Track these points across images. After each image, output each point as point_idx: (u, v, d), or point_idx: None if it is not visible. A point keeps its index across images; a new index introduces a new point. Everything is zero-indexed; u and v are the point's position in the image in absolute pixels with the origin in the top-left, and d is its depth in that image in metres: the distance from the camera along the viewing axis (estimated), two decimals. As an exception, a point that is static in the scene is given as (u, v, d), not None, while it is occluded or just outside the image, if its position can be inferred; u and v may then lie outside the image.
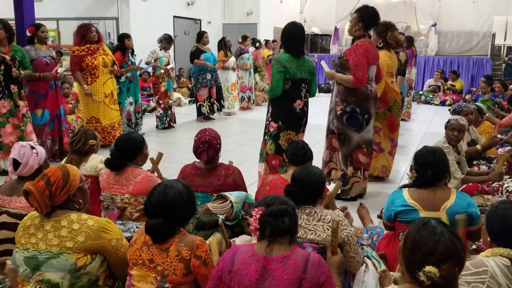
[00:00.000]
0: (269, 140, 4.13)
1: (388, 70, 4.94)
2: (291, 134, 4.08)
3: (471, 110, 4.75)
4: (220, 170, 3.21)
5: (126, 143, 3.03)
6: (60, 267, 2.03)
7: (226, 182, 3.17)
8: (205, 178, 3.18)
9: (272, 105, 4.14)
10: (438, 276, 1.51)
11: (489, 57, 13.54)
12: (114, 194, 2.99)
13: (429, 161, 2.67)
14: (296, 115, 4.07)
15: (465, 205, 2.58)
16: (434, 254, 1.55)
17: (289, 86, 3.98)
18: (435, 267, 1.52)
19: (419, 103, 11.72)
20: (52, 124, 5.76)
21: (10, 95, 5.06)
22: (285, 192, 2.36)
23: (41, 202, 2.05)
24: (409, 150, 6.48)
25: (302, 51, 4.10)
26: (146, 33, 10.62)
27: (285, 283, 1.76)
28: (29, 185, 2.07)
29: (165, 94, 7.92)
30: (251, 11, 14.57)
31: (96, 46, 6.22)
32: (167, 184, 2.10)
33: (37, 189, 2.05)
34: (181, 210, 2.06)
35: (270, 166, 4.13)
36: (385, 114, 5.02)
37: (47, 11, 10.72)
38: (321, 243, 2.28)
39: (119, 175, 3.01)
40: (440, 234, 1.58)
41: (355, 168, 4.40)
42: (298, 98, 4.05)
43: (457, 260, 1.55)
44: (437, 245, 1.56)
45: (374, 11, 4.21)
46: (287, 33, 4.05)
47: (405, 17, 14.99)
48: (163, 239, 2.02)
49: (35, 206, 2.07)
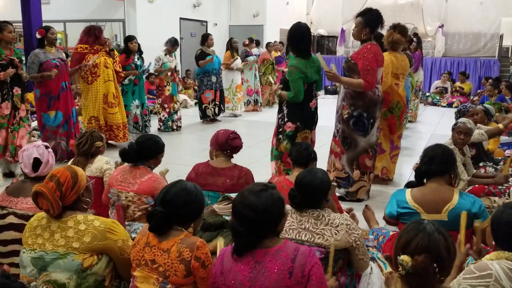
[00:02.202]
0: (285, 140, 4.20)
1: (393, 71, 4.89)
2: (307, 133, 4.20)
3: (477, 111, 4.73)
4: (233, 171, 3.27)
5: (147, 142, 3.11)
6: (66, 268, 2.05)
7: (239, 182, 3.19)
8: (218, 178, 3.23)
9: (288, 106, 4.18)
10: (410, 265, 1.55)
11: (496, 59, 13.47)
12: (120, 191, 3.04)
13: (437, 151, 2.68)
14: (312, 114, 4.22)
15: (468, 205, 2.56)
16: (410, 244, 1.60)
17: (306, 88, 4.08)
18: (409, 257, 1.56)
19: (425, 104, 11.68)
20: (66, 125, 5.80)
21: (12, 97, 5.08)
22: (289, 197, 2.36)
23: (54, 203, 2.06)
24: (415, 152, 6.44)
25: (310, 52, 4.16)
26: (152, 35, 10.66)
27: (277, 274, 1.80)
28: (40, 186, 2.07)
29: (171, 99, 7.92)
30: (257, 12, 14.58)
31: (99, 47, 6.29)
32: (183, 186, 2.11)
33: (49, 190, 2.06)
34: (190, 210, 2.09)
35: (285, 163, 4.22)
36: (386, 115, 4.97)
37: (54, 13, 10.79)
38: (328, 248, 2.28)
39: (128, 173, 3.06)
40: (423, 229, 1.62)
41: (362, 173, 4.40)
42: (312, 98, 4.20)
43: (435, 256, 1.57)
44: (415, 237, 1.61)
45: (378, 14, 4.20)
46: (296, 37, 4.07)
47: (412, 19, 14.93)
48: (162, 230, 2.03)
49: (45, 208, 2.08)
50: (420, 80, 8.90)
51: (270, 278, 1.81)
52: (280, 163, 4.29)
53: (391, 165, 5.11)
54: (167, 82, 7.85)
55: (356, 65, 4.13)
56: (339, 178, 4.46)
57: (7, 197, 2.59)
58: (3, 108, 5.01)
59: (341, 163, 4.45)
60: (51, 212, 2.09)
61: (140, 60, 7.21)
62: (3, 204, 2.56)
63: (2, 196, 2.62)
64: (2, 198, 2.59)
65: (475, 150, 4.57)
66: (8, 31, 4.97)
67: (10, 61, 4.98)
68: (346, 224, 2.31)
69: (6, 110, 5.04)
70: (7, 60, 4.96)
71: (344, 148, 4.40)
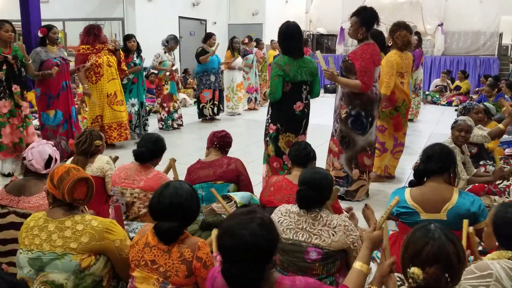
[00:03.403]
0: (270, 142, 4.10)
1: (398, 70, 4.88)
2: (290, 137, 4.01)
3: (481, 109, 4.72)
4: (222, 160, 3.40)
5: (157, 143, 3.19)
6: (64, 268, 2.04)
7: (229, 169, 3.32)
8: (208, 169, 3.33)
9: (271, 107, 4.07)
10: (421, 278, 1.51)
11: (496, 57, 13.45)
12: (124, 189, 3.04)
13: (435, 150, 2.66)
14: (296, 117, 3.99)
15: (468, 204, 2.54)
16: (420, 255, 1.55)
17: (289, 88, 3.90)
18: (420, 269, 1.51)
19: (425, 103, 11.67)
20: (66, 124, 5.80)
21: (11, 95, 5.04)
22: (300, 197, 2.31)
23: (92, 191, 2.17)
24: (415, 150, 6.44)
25: (301, 51, 3.99)
26: (151, 33, 10.64)
27: None
28: (81, 173, 2.17)
29: (170, 98, 7.91)
30: (257, 11, 14.56)
31: (101, 46, 6.27)
32: (177, 185, 2.08)
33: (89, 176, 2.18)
34: (193, 211, 2.08)
35: (272, 168, 4.12)
36: (392, 114, 4.98)
37: (53, 12, 10.77)
38: (325, 249, 2.26)
39: (132, 170, 3.10)
40: (432, 237, 1.57)
41: (361, 171, 4.39)
42: (298, 100, 3.96)
43: (447, 265, 1.52)
44: (425, 247, 1.56)
45: (373, 12, 4.17)
46: (282, 35, 3.97)
47: (412, 17, 14.89)
48: (174, 241, 2.01)
49: (84, 196, 2.15)
50: (420, 78, 8.90)
51: None
52: (268, 168, 4.19)
53: (394, 161, 5.13)
54: (165, 81, 7.84)
55: (353, 65, 4.12)
56: (338, 177, 4.45)
57: (6, 196, 2.57)
58: (1, 107, 4.99)
59: (340, 162, 4.44)
60: (87, 199, 2.17)
61: (139, 59, 7.20)
62: (3, 203, 2.55)
63: (1, 194, 2.59)
64: (1, 197, 2.58)
65: (476, 148, 4.57)
66: (4, 30, 4.91)
67: (4, 58, 4.92)
68: (344, 225, 2.30)
69: (4, 108, 5.01)
70: (1, 58, 4.91)
71: (342, 148, 4.39)
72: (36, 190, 2.59)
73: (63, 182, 2.08)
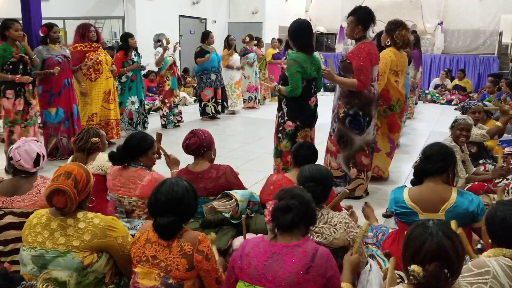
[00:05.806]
0: (285, 139, 4.16)
1: (392, 68, 4.86)
2: (307, 131, 4.16)
3: (479, 109, 4.73)
4: (211, 172, 3.14)
5: (131, 141, 3.05)
6: (67, 266, 2.06)
7: (219, 183, 3.11)
8: (198, 183, 3.05)
9: (287, 104, 4.13)
10: (422, 275, 1.54)
11: (496, 56, 13.46)
12: (121, 197, 3.02)
13: (434, 150, 2.66)
14: (312, 112, 4.17)
15: (466, 204, 2.55)
16: (420, 253, 1.58)
17: (304, 85, 4.03)
18: (419, 266, 1.54)
19: (425, 102, 11.68)
20: (67, 122, 5.82)
21: (24, 93, 5.22)
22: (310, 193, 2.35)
23: (74, 200, 2.07)
24: (414, 149, 6.45)
25: (313, 48, 4.16)
26: (151, 32, 10.58)
27: (292, 267, 1.85)
28: (61, 184, 2.06)
29: (171, 93, 7.92)
30: (257, 10, 14.56)
31: (97, 45, 6.25)
32: (173, 181, 2.11)
33: (70, 188, 2.06)
34: (190, 206, 2.10)
35: (284, 162, 4.19)
36: (386, 113, 4.94)
37: (54, 10, 10.77)
38: (327, 246, 2.28)
39: (125, 177, 3.02)
40: (430, 234, 1.60)
41: (359, 171, 4.40)
42: (311, 95, 4.14)
43: (446, 262, 1.55)
44: (423, 245, 1.58)
45: (369, 10, 4.20)
46: (297, 32, 4.05)
47: (411, 16, 14.90)
48: (173, 236, 2.04)
49: (61, 205, 2.06)
50: (418, 77, 8.89)
51: (284, 270, 1.85)
52: (279, 162, 4.27)
53: (387, 164, 5.08)
54: (166, 77, 7.85)
55: (351, 64, 4.13)
56: (336, 177, 4.45)
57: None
58: (17, 105, 5.15)
59: (337, 161, 4.45)
60: (67, 210, 2.08)
61: (137, 56, 7.20)
62: (-3, 205, 2.52)
63: None
64: (-6, 198, 2.55)
65: (476, 147, 4.58)
66: (14, 29, 5.04)
67: (20, 58, 5.08)
68: (345, 223, 2.33)
69: (19, 106, 5.17)
70: (17, 58, 5.07)
71: (340, 147, 4.40)
72: (28, 187, 2.58)
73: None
